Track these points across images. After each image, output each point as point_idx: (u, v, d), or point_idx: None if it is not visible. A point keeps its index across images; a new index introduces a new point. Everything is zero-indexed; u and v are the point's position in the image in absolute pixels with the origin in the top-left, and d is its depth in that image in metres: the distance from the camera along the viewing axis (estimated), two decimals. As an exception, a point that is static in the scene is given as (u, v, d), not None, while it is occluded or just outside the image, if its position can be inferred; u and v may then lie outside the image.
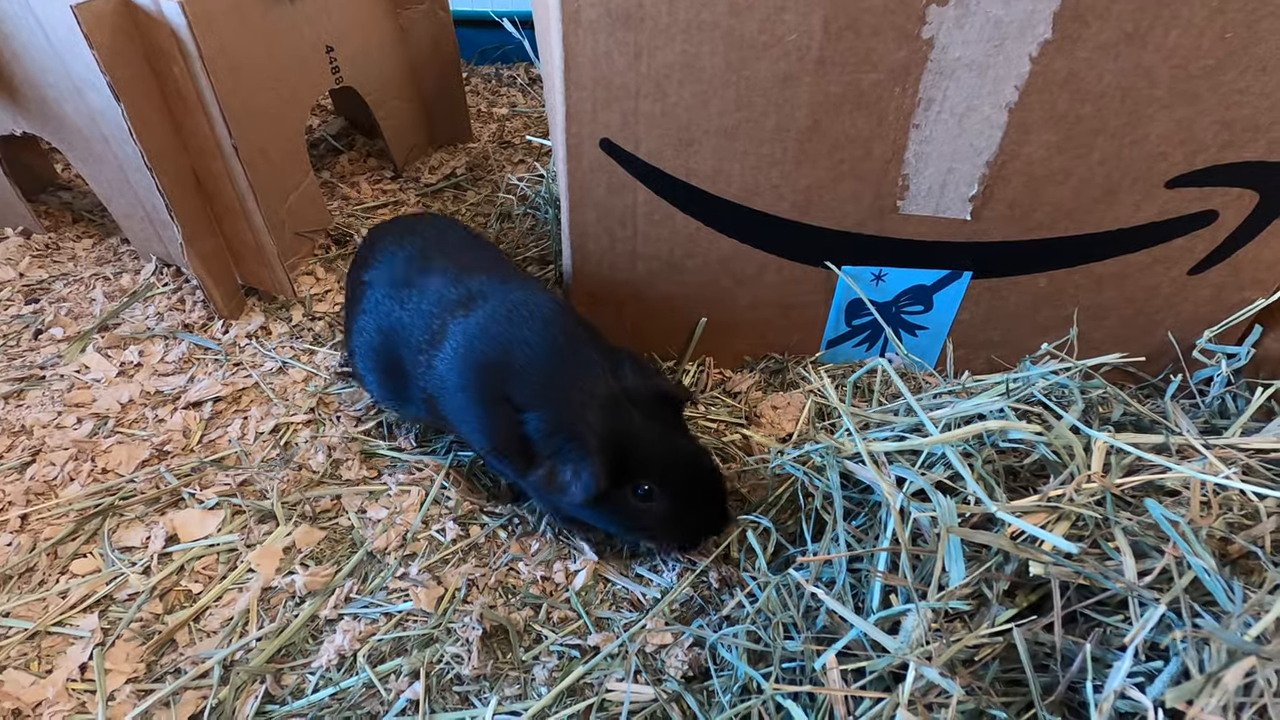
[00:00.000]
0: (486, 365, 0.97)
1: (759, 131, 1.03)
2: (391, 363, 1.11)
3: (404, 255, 1.18)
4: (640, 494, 0.90)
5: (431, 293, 1.08)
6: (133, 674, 0.90)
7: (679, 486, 0.91)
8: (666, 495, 0.91)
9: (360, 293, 1.18)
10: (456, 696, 0.86)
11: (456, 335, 1.01)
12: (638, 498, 0.90)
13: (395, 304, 1.11)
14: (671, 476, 0.91)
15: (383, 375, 1.14)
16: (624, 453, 0.88)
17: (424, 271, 1.13)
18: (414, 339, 1.06)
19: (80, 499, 1.12)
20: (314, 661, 0.91)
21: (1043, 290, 1.18)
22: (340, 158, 2.14)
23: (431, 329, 1.04)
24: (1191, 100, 0.96)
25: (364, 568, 1.03)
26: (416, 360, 1.05)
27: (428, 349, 1.04)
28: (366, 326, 1.14)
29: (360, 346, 1.16)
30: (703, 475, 0.94)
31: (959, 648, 0.65)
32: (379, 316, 1.13)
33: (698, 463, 0.94)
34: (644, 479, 0.90)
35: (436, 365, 1.02)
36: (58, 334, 1.46)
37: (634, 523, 0.93)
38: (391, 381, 1.13)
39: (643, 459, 0.89)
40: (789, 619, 0.75)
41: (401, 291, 1.12)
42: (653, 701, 0.81)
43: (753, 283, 1.22)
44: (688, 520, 0.93)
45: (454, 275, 1.10)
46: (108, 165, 1.44)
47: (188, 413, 1.29)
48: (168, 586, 1.00)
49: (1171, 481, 0.73)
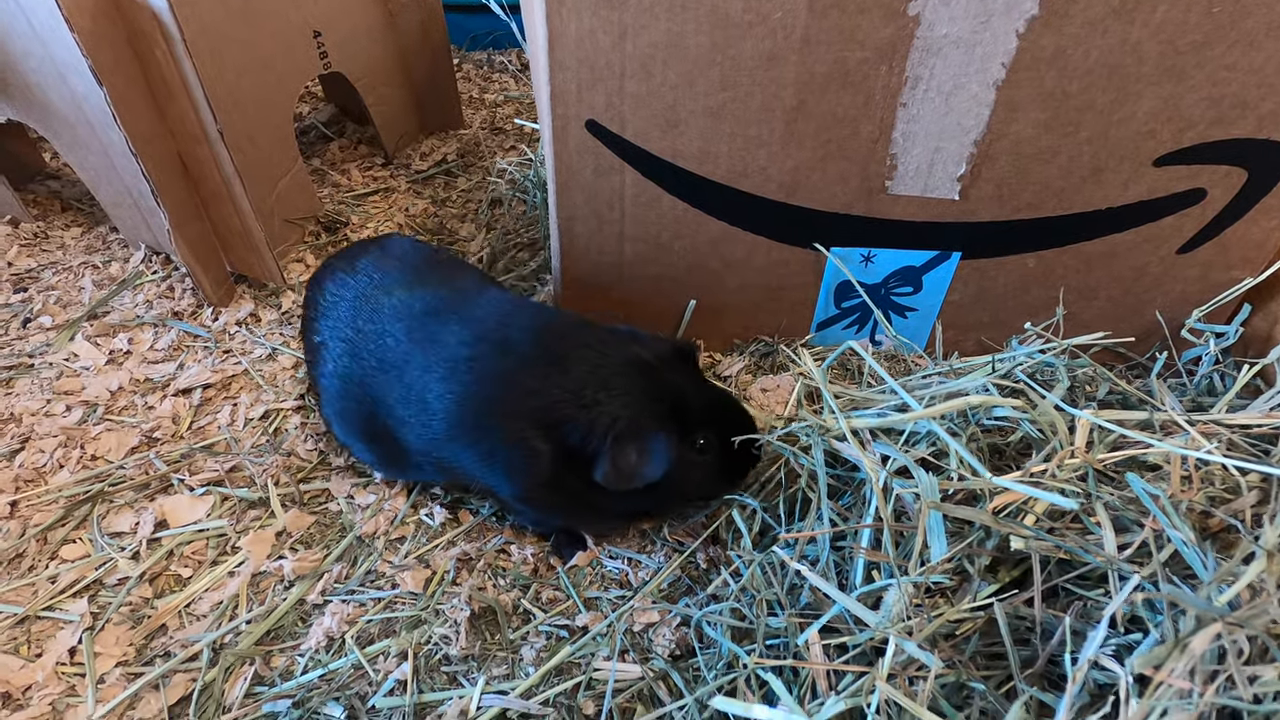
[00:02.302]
0: (499, 402, 0.90)
1: (745, 112, 1.02)
2: (381, 431, 0.99)
3: (351, 302, 1.06)
4: (698, 447, 0.90)
5: (399, 345, 0.97)
6: (122, 657, 0.90)
7: (726, 430, 0.91)
8: (717, 442, 0.91)
9: (319, 352, 1.07)
10: (444, 676, 0.87)
11: (452, 385, 0.92)
12: (695, 451, 0.90)
13: (358, 364, 1.00)
14: (719, 423, 0.92)
15: (377, 446, 1.03)
16: (675, 412, 0.88)
17: (377, 318, 1.02)
18: (398, 401, 0.95)
19: (70, 485, 1.12)
20: (303, 644, 0.91)
21: (1031, 271, 1.18)
22: (331, 145, 2.13)
23: (414, 385, 0.94)
24: (1179, 77, 0.95)
25: (353, 552, 1.03)
26: (406, 423, 0.95)
27: (417, 407, 0.94)
28: (335, 390, 1.03)
29: (335, 415, 1.05)
30: (741, 415, 0.95)
31: (940, 622, 0.65)
32: (344, 381, 1.02)
33: (733, 403, 0.96)
34: (698, 431, 0.90)
35: (434, 425, 0.93)
36: (46, 322, 1.46)
37: (693, 477, 0.92)
38: (389, 454, 1.02)
39: (691, 413, 0.89)
40: (773, 596, 0.76)
41: (362, 348, 1.00)
42: (639, 679, 0.82)
43: (741, 265, 1.21)
44: (736, 462, 0.94)
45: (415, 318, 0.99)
46: (93, 151, 1.43)
47: (177, 400, 1.29)
48: (157, 571, 1.00)
49: (1154, 457, 0.73)
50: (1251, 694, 0.49)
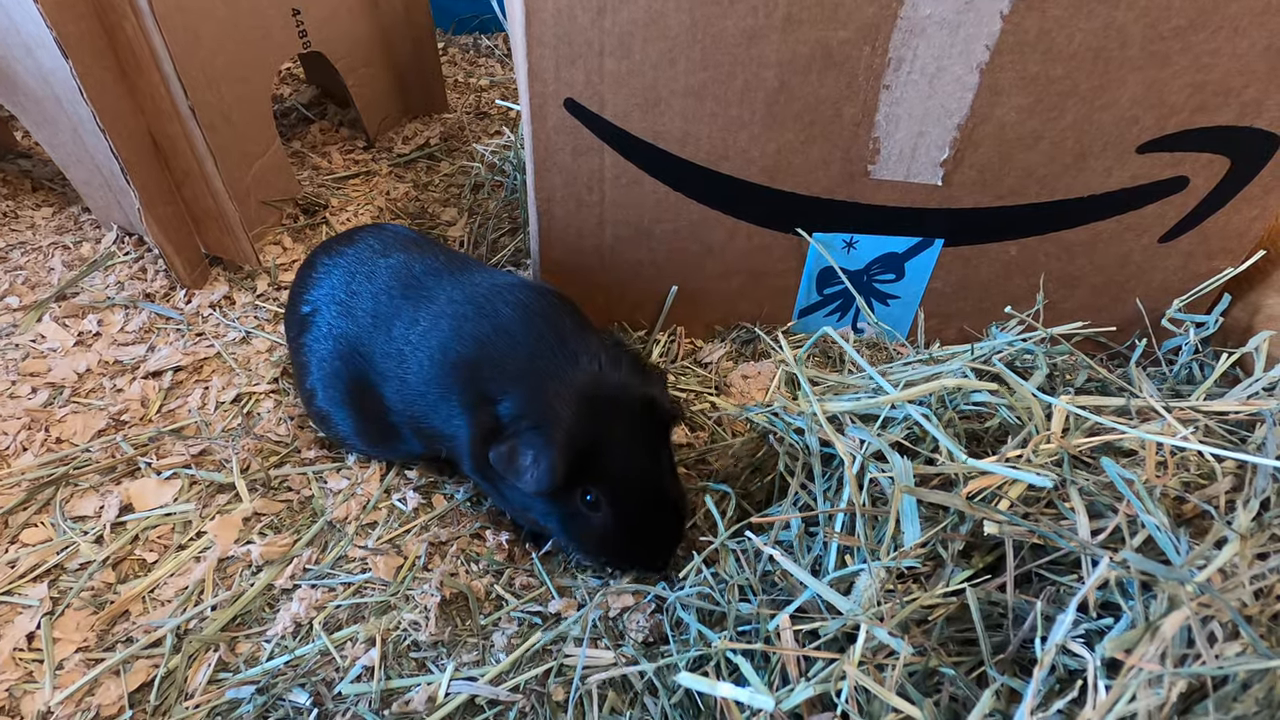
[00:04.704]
0: (467, 364, 0.89)
1: (727, 92, 1.00)
2: (363, 392, 0.99)
3: (347, 268, 1.07)
4: (588, 501, 0.84)
5: (393, 302, 0.98)
6: (82, 643, 0.88)
7: (629, 506, 0.85)
8: (613, 512, 0.84)
9: (307, 323, 1.06)
10: (413, 663, 0.85)
11: (430, 338, 0.92)
12: (585, 504, 0.85)
13: (351, 322, 1.00)
14: (623, 493, 0.84)
15: (358, 413, 1.02)
16: (586, 454, 0.81)
17: (375, 279, 1.02)
18: (380, 354, 0.96)
19: (33, 469, 1.09)
20: (269, 630, 0.89)
21: (1014, 259, 1.18)
22: (311, 127, 2.09)
23: (400, 341, 0.94)
24: (1163, 62, 0.95)
25: (323, 537, 1.01)
26: (387, 378, 0.95)
27: (396, 360, 0.94)
28: (323, 354, 1.02)
29: (321, 380, 1.03)
30: (659, 503, 0.86)
31: (913, 608, 0.64)
32: (336, 341, 1.01)
33: (658, 488, 0.86)
34: (595, 486, 0.83)
35: (409, 379, 0.93)
36: (13, 303, 1.42)
37: (573, 528, 0.87)
38: (369, 421, 1.01)
39: (601, 466, 0.82)
40: (745, 581, 0.75)
41: (355, 307, 1.00)
42: (611, 665, 0.80)
43: (723, 250, 1.20)
44: (627, 544, 0.86)
45: (412, 277, 1.00)
46: (62, 129, 1.39)
47: (147, 382, 1.26)
48: (121, 556, 0.98)
49: (1130, 443, 0.72)
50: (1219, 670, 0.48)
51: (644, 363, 0.94)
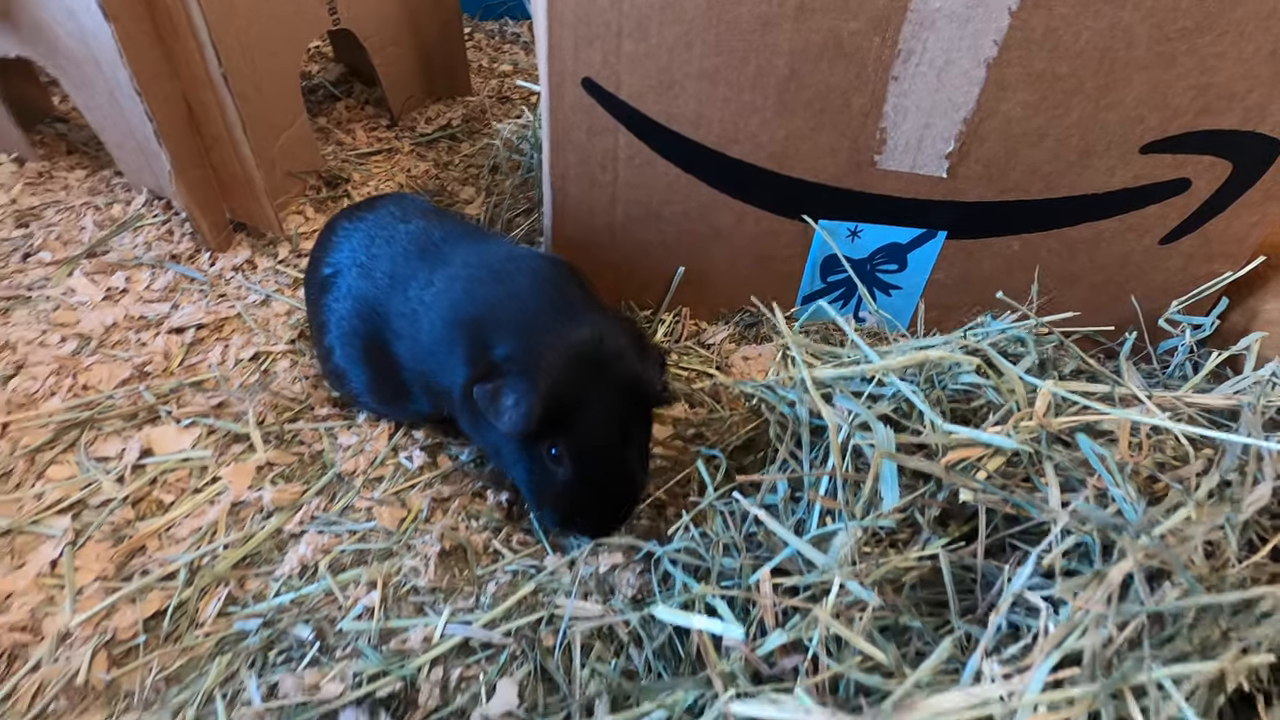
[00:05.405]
0: (475, 321, 0.93)
1: (739, 77, 1.04)
2: (378, 350, 1.03)
3: (368, 232, 1.11)
4: (553, 455, 0.87)
5: (410, 264, 1.02)
6: (101, 573, 0.93)
7: (588, 469, 0.87)
8: (573, 470, 0.87)
9: (328, 285, 1.10)
10: (411, 606, 0.89)
11: (443, 299, 0.96)
12: (550, 457, 0.88)
13: (370, 283, 1.04)
14: (586, 455, 0.87)
15: (372, 370, 1.06)
16: (563, 408, 0.85)
17: (394, 243, 1.07)
18: (396, 313, 1.00)
19: (60, 411, 1.14)
20: (277, 570, 0.93)
21: (1015, 254, 1.20)
22: (337, 104, 2.14)
23: (415, 301, 0.98)
24: (1168, 63, 0.97)
25: (332, 488, 1.05)
26: (400, 336, 1.00)
27: (410, 319, 0.99)
28: (342, 313, 1.06)
29: (339, 338, 1.07)
30: (617, 475, 0.89)
31: (887, 568, 0.67)
32: (355, 301, 1.05)
33: (620, 459, 0.89)
34: (562, 441, 0.86)
35: (421, 336, 0.97)
36: (46, 258, 1.48)
37: (534, 478, 0.90)
38: (382, 377, 1.05)
39: (573, 424, 0.86)
40: (730, 540, 0.78)
41: (374, 269, 1.04)
42: (600, 617, 0.84)
43: (731, 233, 1.23)
44: (577, 505, 0.89)
45: (430, 241, 1.05)
46: (99, 91, 1.45)
47: (170, 337, 1.31)
48: (140, 495, 1.03)
49: (1110, 425, 0.75)
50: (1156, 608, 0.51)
51: (646, 340, 0.97)
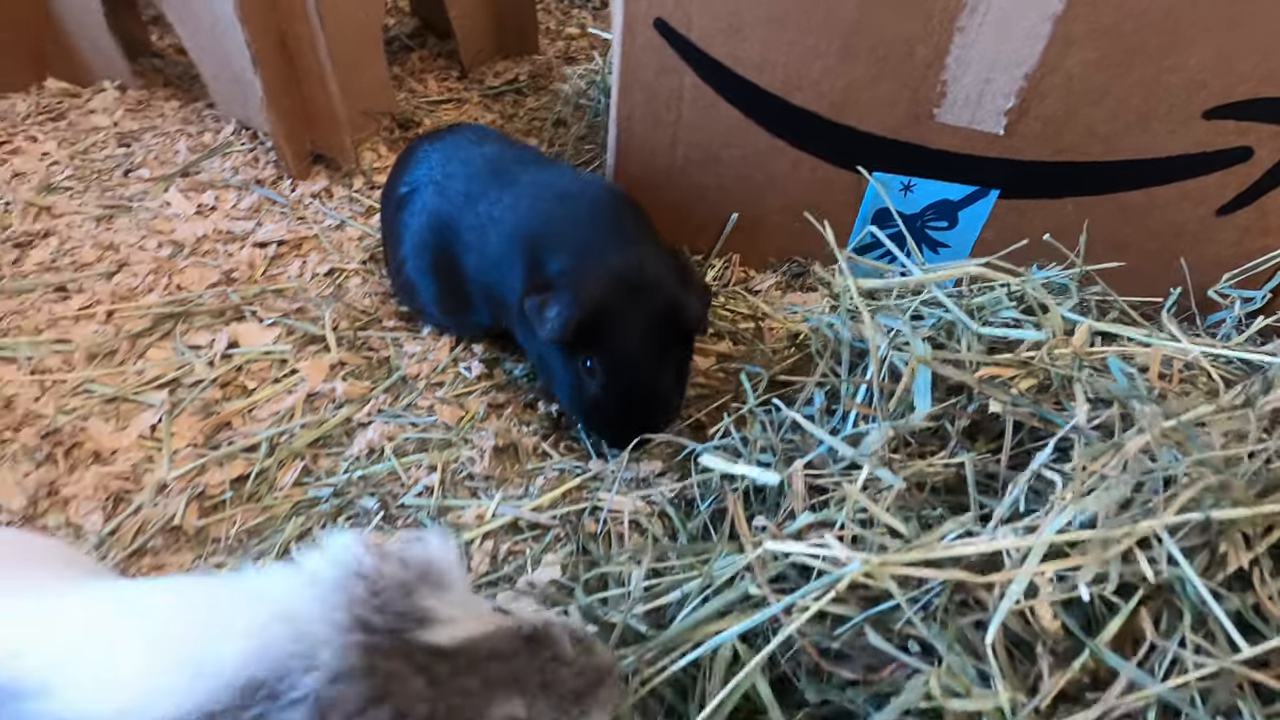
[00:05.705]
0: (536, 237, 1.00)
1: (807, 21, 1.07)
2: (447, 263, 1.10)
3: (445, 152, 1.18)
4: (587, 367, 0.94)
5: (482, 183, 1.10)
6: (192, 440, 1.03)
7: (619, 384, 0.94)
8: (603, 384, 0.94)
9: (404, 202, 1.17)
10: (466, 490, 0.97)
11: (510, 215, 1.03)
12: (585, 368, 0.95)
13: (444, 200, 1.10)
14: (618, 370, 0.93)
15: (440, 281, 1.13)
16: (599, 324, 0.91)
17: (470, 164, 1.14)
18: (466, 227, 1.07)
19: (157, 305, 1.25)
20: (347, 451, 1.02)
21: (1068, 216, 1.21)
22: (411, 55, 2.23)
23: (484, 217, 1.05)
24: (1234, 25, 0.97)
25: (397, 388, 1.14)
26: (469, 248, 1.06)
27: (478, 233, 1.06)
28: (416, 228, 1.13)
29: (412, 250, 1.14)
30: (645, 394, 0.95)
31: (916, 468, 0.72)
32: (429, 216, 1.12)
33: (651, 380, 0.95)
34: (597, 355, 0.93)
35: (488, 249, 1.05)
36: (145, 174, 1.60)
37: (570, 385, 0.97)
38: (448, 289, 1.12)
39: (608, 340, 0.92)
40: (767, 441, 0.83)
41: (449, 187, 1.11)
42: (636, 511, 0.90)
43: (785, 181, 1.27)
44: (605, 415, 0.96)
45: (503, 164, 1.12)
46: (203, 22, 1.55)
47: (254, 250, 1.41)
48: (227, 380, 1.13)
49: (1143, 359, 0.78)
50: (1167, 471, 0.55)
51: (692, 273, 1.02)
